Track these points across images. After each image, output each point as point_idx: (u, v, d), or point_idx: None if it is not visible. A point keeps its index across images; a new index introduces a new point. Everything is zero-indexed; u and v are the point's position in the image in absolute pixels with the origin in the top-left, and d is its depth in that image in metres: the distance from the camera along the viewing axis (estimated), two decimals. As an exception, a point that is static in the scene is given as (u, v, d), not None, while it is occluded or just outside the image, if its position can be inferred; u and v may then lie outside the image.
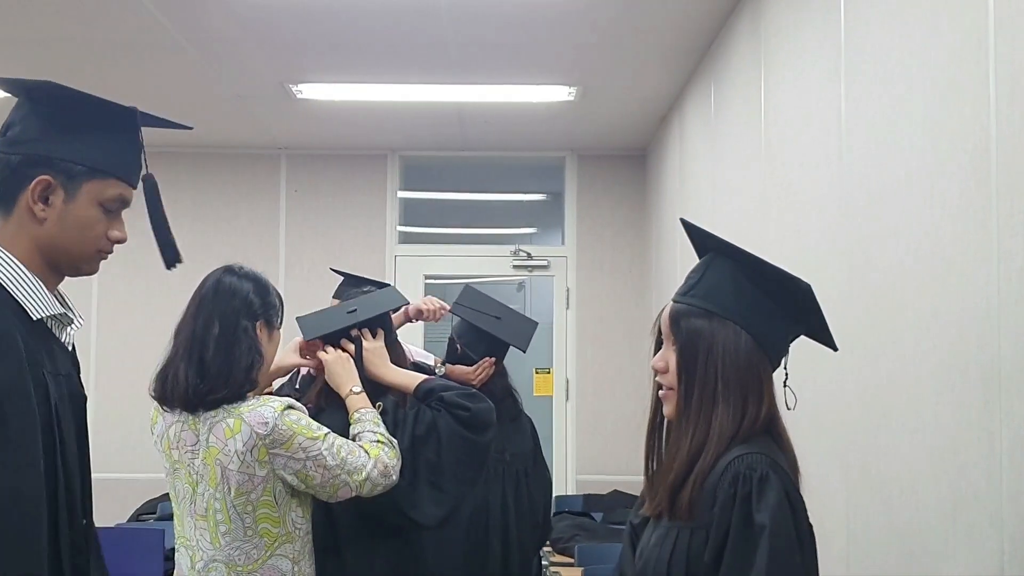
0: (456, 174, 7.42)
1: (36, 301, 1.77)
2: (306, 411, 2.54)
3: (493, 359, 3.75)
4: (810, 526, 1.80)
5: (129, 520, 6.03)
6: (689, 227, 1.99)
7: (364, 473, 2.44)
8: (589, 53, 4.98)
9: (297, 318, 3.02)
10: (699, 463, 1.81)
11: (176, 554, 2.56)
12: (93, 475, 1.86)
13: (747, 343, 1.83)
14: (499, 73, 5.32)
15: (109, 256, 1.90)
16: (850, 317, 2.75)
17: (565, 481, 6.74)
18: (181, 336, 2.49)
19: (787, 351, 1.91)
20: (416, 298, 3.77)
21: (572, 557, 4.70)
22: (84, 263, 1.85)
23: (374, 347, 2.76)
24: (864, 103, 2.77)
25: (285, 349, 2.87)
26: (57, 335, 1.83)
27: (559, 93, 5.57)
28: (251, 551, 2.42)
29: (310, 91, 5.56)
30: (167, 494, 6.37)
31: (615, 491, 6.32)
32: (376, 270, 6.56)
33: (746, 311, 1.84)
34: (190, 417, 2.47)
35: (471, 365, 3.72)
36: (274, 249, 6.81)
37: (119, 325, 6.80)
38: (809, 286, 1.84)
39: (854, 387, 2.77)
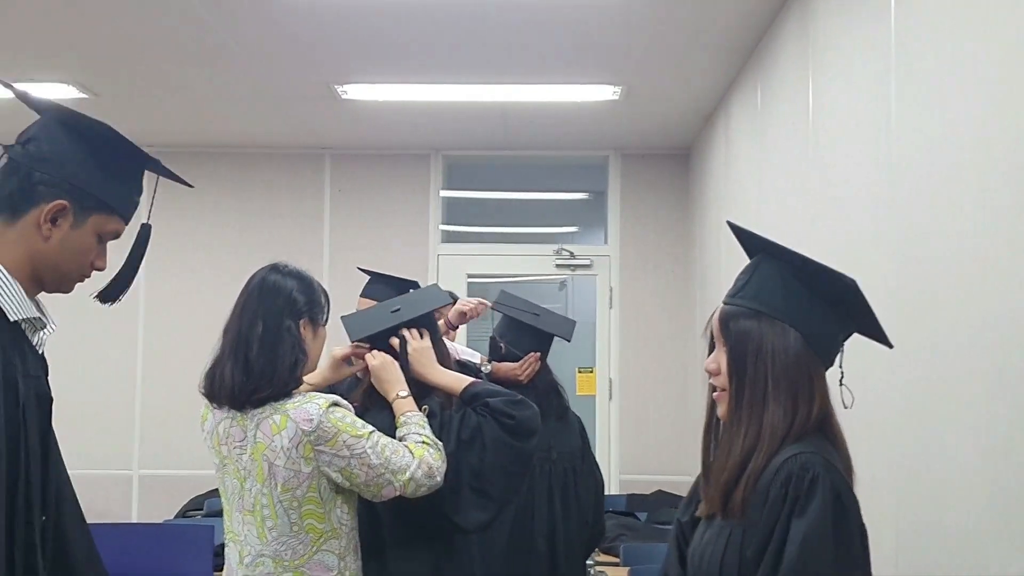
0: (499, 173, 7.44)
1: (15, 304, 1.84)
2: (352, 409, 2.56)
3: (538, 354, 3.78)
4: (862, 525, 1.80)
5: (176, 516, 6.10)
6: (737, 229, 2.00)
7: (408, 473, 2.46)
8: (634, 53, 4.98)
9: (342, 317, 3.05)
10: (752, 462, 1.83)
11: (225, 549, 2.60)
12: (141, 472, 1.90)
13: (796, 342, 1.84)
14: (544, 72, 5.34)
15: (84, 281, 1.99)
16: (899, 317, 2.73)
17: (608, 480, 6.71)
18: (228, 335, 2.53)
19: (840, 350, 1.91)
20: (460, 296, 3.79)
21: (617, 557, 4.70)
22: (66, 283, 1.95)
23: (421, 347, 2.76)
24: (914, 104, 2.76)
25: (324, 365, 2.89)
26: (30, 338, 1.90)
27: (604, 92, 5.58)
28: (297, 546, 2.45)
29: (355, 91, 5.60)
30: (214, 490, 6.46)
31: (659, 491, 6.31)
32: (419, 269, 6.60)
33: (795, 310, 1.86)
34: (238, 414, 2.50)
35: (516, 362, 3.74)
36: (318, 248, 6.87)
37: (165, 324, 6.88)
38: (855, 283, 1.85)
39: (904, 387, 2.75)
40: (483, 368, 3.64)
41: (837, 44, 3.52)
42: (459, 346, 3.97)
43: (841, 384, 1.88)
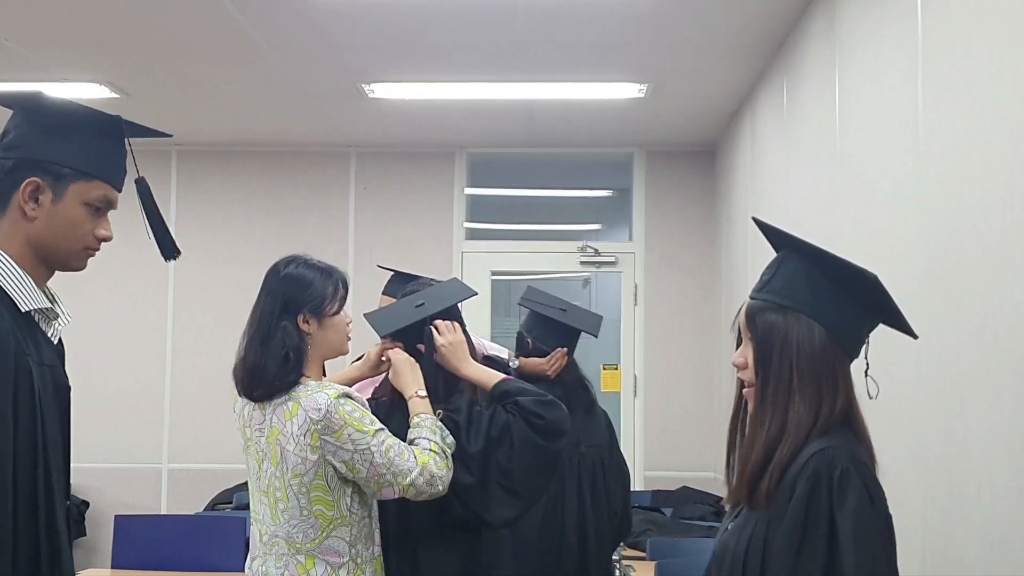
0: (523, 170, 7.47)
1: (24, 295, 1.89)
2: (365, 404, 2.60)
3: (565, 349, 3.81)
4: (888, 516, 1.84)
5: (205, 510, 6.17)
6: (763, 226, 2.03)
7: (409, 478, 2.49)
8: (661, 50, 5.00)
9: (365, 315, 3.09)
10: (777, 454, 1.85)
11: (251, 528, 2.68)
12: (170, 465, 1.95)
13: (821, 335, 1.87)
14: (571, 70, 5.37)
15: (96, 253, 2.02)
16: (926, 311, 2.75)
17: (633, 477, 6.70)
18: (244, 331, 2.64)
19: (864, 342, 1.94)
20: (484, 293, 3.79)
21: (644, 551, 4.73)
22: (72, 259, 1.98)
23: (455, 340, 2.77)
24: (941, 100, 2.77)
25: (361, 363, 2.94)
26: (44, 328, 1.95)
27: (630, 90, 5.60)
28: (308, 530, 2.51)
29: (382, 90, 5.64)
30: (243, 484, 6.51)
31: (684, 487, 6.34)
32: (443, 266, 6.64)
33: (819, 304, 1.88)
34: None
35: (543, 358, 3.78)
36: (343, 245, 6.92)
37: (194, 320, 6.95)
38: (876, 277, 1.88)
39: (932, 382, 2.77)
40: (511, 363, 3.67)
41: (863, 41, 3.53)
42: (487, 341, 4.01)
43: (867, 375, 1.91)
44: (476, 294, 3.04)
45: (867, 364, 1.92)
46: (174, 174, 6.97)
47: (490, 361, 3.53)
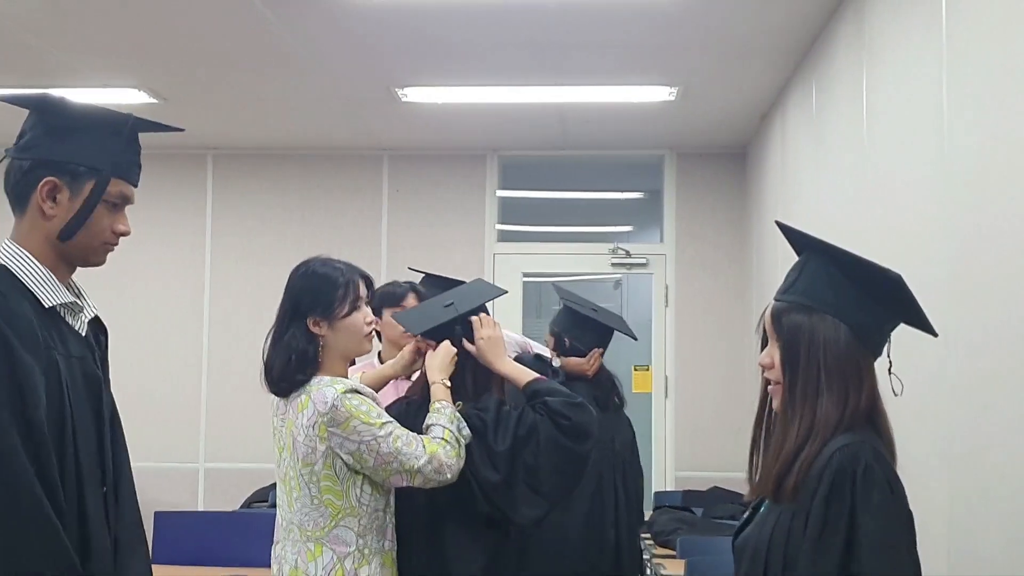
0: (554, 173, 7.52)
1: (47, 291, 1.96)
2: (374, 398, 2.66)
3: (601, 350, 3.88)
4: (910, 512, 1.88)
5: (240, 508, 6.25)
6: (785, 228, 2.08)
7: (417, 466, 2.55)
8: (691, 54, 5.05)
9: (395, 315, 3.14)
10: (805, 450, 1.91)
11: (276, 515, 2.76)
12: (207, 465, 2.01)
13: (845, 334, 1.92)
14: (602, 74, 5.42)
15: (114, 248, 2.07)
16: (952, 312, 2.79)
17: (664, 477, 6.80)
18: None
19: (886, 340, 1.98)
20: (516, 294, 3.87)
21: (674, 550, 4.77)
22: (91, 255, 2.04)
23: (492, 336, 2.82)
24: (967, 103, 2.81)
25: (396, 360, 3.00)
26: (71, 322, 2.01)
27: (660, 93, 5.64)
28: (318, 519, 2.59)
29: (415, 94, 5.72)
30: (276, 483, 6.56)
31: (714, 487, 6.35)
32: (475, 268, 6.70)
33: (842, 304, 1.93)
34: None
35: (581, 358, 3.85)
36: (376, 247, 6.99)
37: (230, 322, 7.05)
38: (899, 276, 1.92)
39: (956, 379, 2.81)
40: (554, 361, 3.74)
41: (891, 44, 3.57)
42: (532, 341, 4.08)
43: (890, 373, 1.95)
44: (505, 293, 3.07)
45: (890, 362, 1.97)
46: (210, 177, 7.08)
47: (539, 359, 3.60)
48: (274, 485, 6.39)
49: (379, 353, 3.78)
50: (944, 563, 2.80)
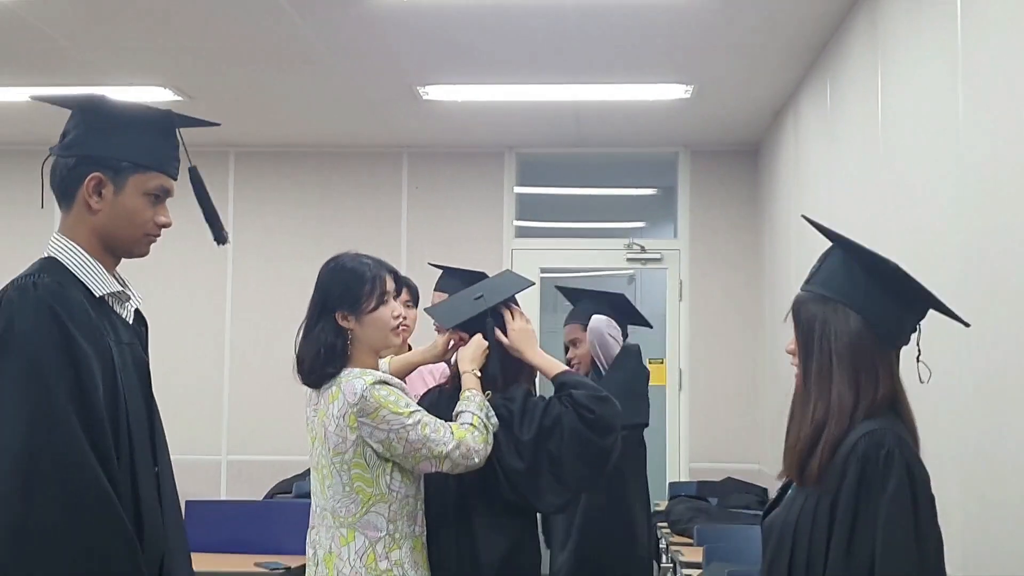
0: (570, 170, 7.63)
1: (97, 281, 2.06)
2: (402, 388, 2.75)
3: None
4: (932, 497, 1.96)
5: (264, 499, 6.36)
6: (814, 223, 2.17)
7: (444, 452, 2.65)
8: (706, 53, 5.14)
9: (426, 309, 3.24)
10: (825, 434, 2.00)
11: (311, 502, 2.87)
12: (229, 457, 2.10)
13: (857, 323, 2.02)
14: (618, 73, 5.51)
15: (157, 239, 2.17)
16: (967, 306, 2.85)
17: (679, 468, 6.91)
18: None
19: (905, 331, 2.05)
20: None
21: (691, 538, 4.88)
22: (135, 246, 2.14)
23: (523, 327, 2.91)
24: (981, 102, 2.88)
25: (426, 348, 3.11)
26: (119, 311, 2.12)
27: (675, 91, 5.74)
28: (349, 505, 2.68)
29: (436, 92, 5.82)
30: (301, 474, 6.71)
31: (728, 478, 6.47)
32: (494, 264, 6.79)
33: (856, 295, 2.03)
34: None
35: None
36: (396, 243, 7.10)
37: (251, 317, 7.17)
38: (896, 266, 2.01)
39: (971, 372, 2.89)
40: None
41: (905, 43, 3.64)
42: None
43: (918, 361, 2.04)
44: (532, 284, 3.13)
45: (919, 350, 2.06)
46: (232, 175, 7.20)
47: None
48: (297, 476, 6.55)
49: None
50: (959, 553, 2.86)
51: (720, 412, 6.94)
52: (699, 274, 7.06)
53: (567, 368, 2.92)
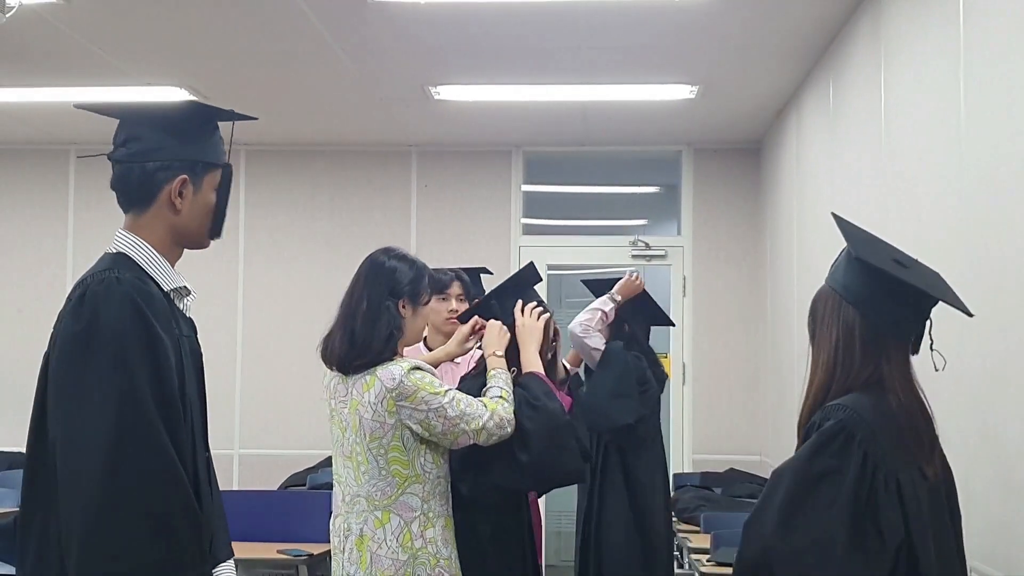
0: (576, 168, 7.76)
1: (165, 277, 2.21)
2: (433, 372, 2.90)
3: None
4: (841, 468, 2.00)
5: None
6: (838, 220, 2.29)
7: (480, 423, 2.81)
8: (712, 54, 5.26)
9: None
10: (811, 404, 2.16)
11: (333, 489, 2.99)
12: (241, 451, 2.24)
13: (846, 310, 2.14)
14: (625, 73, 5.64)
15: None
16: (970, 299, 2.97)
17: (682, 459, 7.05)
18: (341, 309, 2.94)
19: (901, 327, 2.14)
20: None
21: (698, 526, 5.02)
22: (204, 239, 2.29)
23: (527, 323, 3.08)
24: (984, 101, 2.99)
25: (444, 345, 3.28)
26: (179, 305, 2.25)
27: (681, 92, 5.87)
28: (385, 488, 2.82)
29: (447, 92, 5.94)
30: (314, 467, 6.81)
31: (731, 469, 6.61)
32: (501, 261, 6.93)
33: (848, 283, 2.16)
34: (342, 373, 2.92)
35: None
36: (405, 241, 7.18)
37: (263, 312, 7.29)
38: (859, 258, 2.11)
39: (973, 360, 3.00)
40: None
41: (908, 43, 3.74)
42: None
43: (932, 350, 2.15)
44: (539, 280, 3.29)
45: (931, 339, 2.17)
46: (242, 173, 7.30)
47: None
48: (310, 469, 6.65)
49: (424, 339, 4.00)
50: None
51: (722, 405, 7.09)
52: (702, 270, 7.20)
53: (535, 372, 3.02)
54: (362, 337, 2.85)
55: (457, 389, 3.02)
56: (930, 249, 3.32)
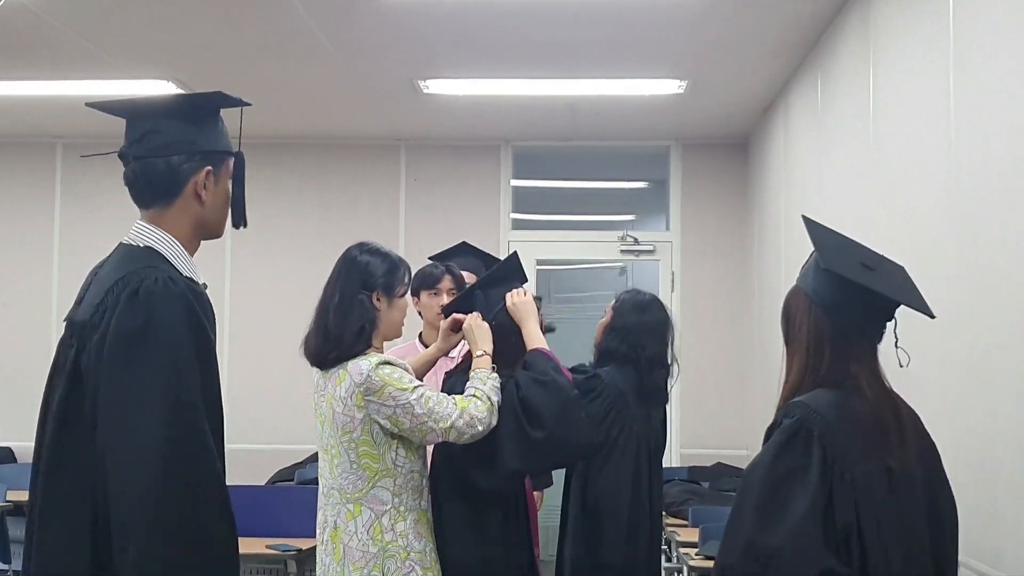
0: (565, 163, 7.76)
1: (192, 273, 2.20)
2: (405, 367, 2.89)
3: None
4: (806, 465, 2.01)
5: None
6: (807, 223, 2.30)
7: (449, 422, 2.80)
8: (701, 49, 5.27)
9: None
10: (779, 409, 2.17)
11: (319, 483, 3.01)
12: (229, 446, 2.25)
13: (814, 308, 2.16)
14: (614, 68, 5.64)
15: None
16: (958, 295, 3.00)
17: (670, 454, 7.03)
18: (318, 305, 2.95)
19: (864, 328, 2.15)
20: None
21: (686, 519, 5.03)
22: (222, 228, 2.29)
23: (521, 300, 3.06)
24: (973, 97, 3.00)
25: (431, 346, 3.26)
26: None
27: (670, 86, 5.88)
28: (356, 481, 2.84)
29: (436, 86, 5.94)
30: (302, 462, 6.79)
31: (718, 463, 6.63)
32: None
33: (818, 288, 2.17)
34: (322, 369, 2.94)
35: None
36: (394, 235, 7.20)
37: (250, 306, 7.28)
38: (824, 268, 2.13)
39: (959, 356, 3.02)
40: None
41: (897, 39, 3.75)
42: None
43: (896, 347, 2.16)
44: (523, 276, 3.24)
45: (896, 337, 2.17)
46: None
47: None
48: (298, 464, 6.63)
49: (420, 334, 3.99)
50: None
51: (710, 399, 7.10)
52: (690, 265, 7.21)
53: (540, 348, 3.02)
54: (334, 330, 2.87)
55: (443, 386, 3.03)
56: (917, 244, 3.36)
